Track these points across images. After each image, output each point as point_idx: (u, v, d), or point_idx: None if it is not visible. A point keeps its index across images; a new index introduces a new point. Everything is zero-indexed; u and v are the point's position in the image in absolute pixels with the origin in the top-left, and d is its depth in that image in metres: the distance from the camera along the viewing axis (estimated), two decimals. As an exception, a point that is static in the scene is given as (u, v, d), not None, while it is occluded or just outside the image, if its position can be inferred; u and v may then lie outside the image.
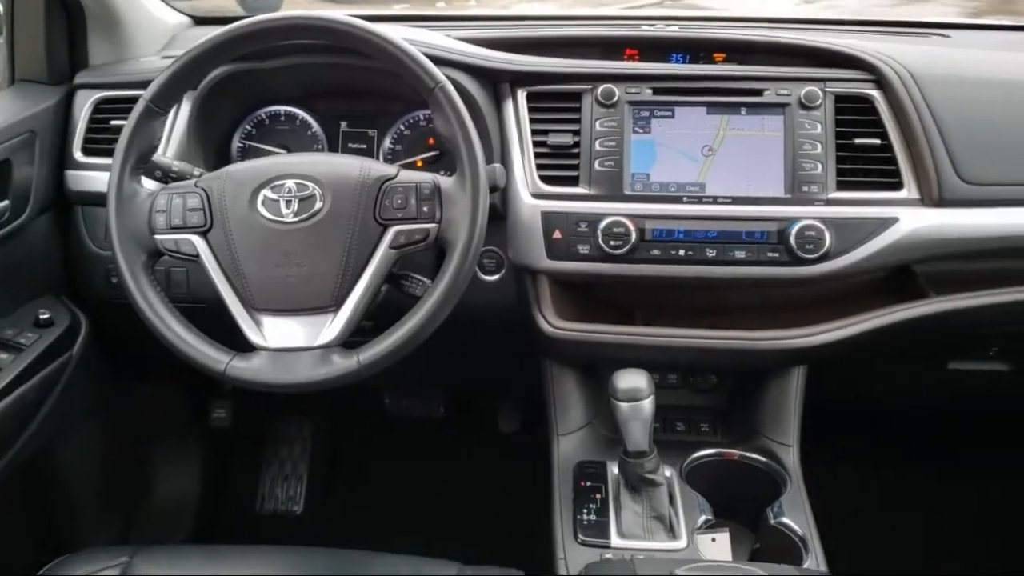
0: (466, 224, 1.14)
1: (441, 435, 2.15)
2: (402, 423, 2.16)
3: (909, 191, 1.34)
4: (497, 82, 1.42)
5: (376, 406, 2.11)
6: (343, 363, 1.13)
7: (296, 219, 1.16)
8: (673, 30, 1.59)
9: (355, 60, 1.28)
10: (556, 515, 1.28)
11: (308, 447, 2.17)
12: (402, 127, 1.50)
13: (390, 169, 1.19)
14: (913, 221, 1.32)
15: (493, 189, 1.20)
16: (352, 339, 1.17)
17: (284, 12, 1.21)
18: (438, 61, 1.25)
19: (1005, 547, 1.96)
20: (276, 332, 1.16)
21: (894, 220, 1.32)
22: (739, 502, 1.36)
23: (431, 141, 1.49)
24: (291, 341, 1.15)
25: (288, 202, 1.17)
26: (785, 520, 1.28)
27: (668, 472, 1.32)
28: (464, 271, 1.14)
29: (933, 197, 1.33)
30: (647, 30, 1.60)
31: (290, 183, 1.18)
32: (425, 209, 1.16)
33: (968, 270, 1.39)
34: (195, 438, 2.05)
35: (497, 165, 1.23)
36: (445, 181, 1.18)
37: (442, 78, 1.17)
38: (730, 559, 1.24)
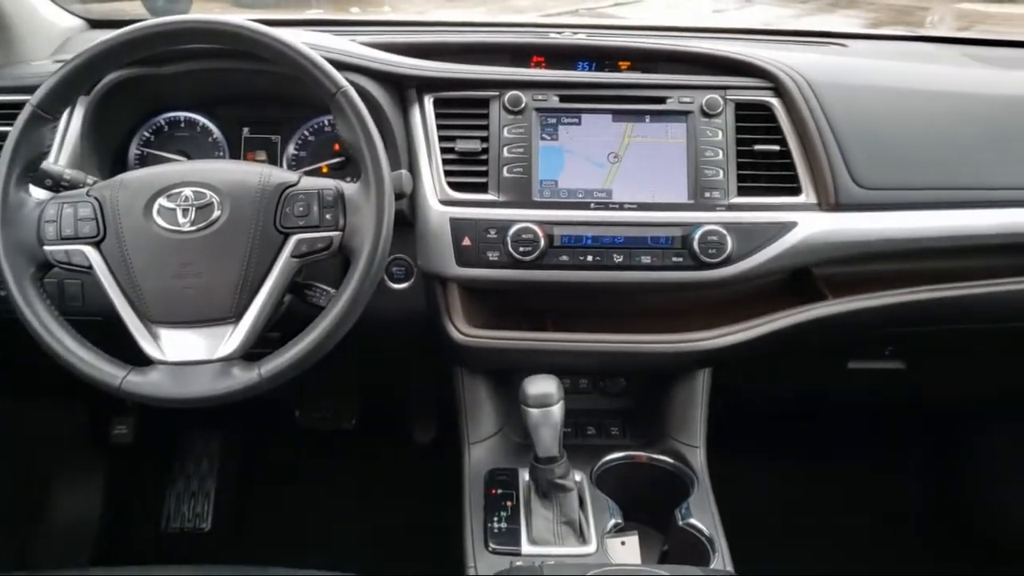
0: (371, 232, 1.13)
1: (354, 447, 2.12)
2: (314, 435, 2.12)
3: (807, 196, 1.38)
4: (403, 87, 1.41)
5: (286, 418, 2.07)
6: (244, 376, 1.11)
7: (193, 228, 1.13)
8: (580, 38, 1.60)
9: (256, 65, 1.26)
10: (466, 524, 1.28)
11: (216, 462, 2.11)
12: (306, 133, 1.48)
13: (291, 176, 1.17)
14: (811, 225, 1.36)
15: (399, 196, 1.19)
16: (257, 350, 1.14)
17: (179, 16, 1.17)
18: (341, 66, 1.24)
19: (910, 542, 2.03)
20: (174, 345, 1.12)
21: (793, 224, 1.36)
22: (649, 504, 1.38)
23: (337, 147, 1.47)
24: (190, 354, 1.12)
25: (185, 211, 1.14)
26: (693, 521, 1.30)
27: (578, 476, 1.33)
28: (369, 280, 1.13)
29: (830, 202, 1.37)
30: (554, 38, 1.60)
31: (187, 191, 1.15)
32: (328, 216, 1.15)
33: (864, 272, 1.44)
34: (96, 456, 1.97)
35: (403, 171, 1.22)
36: (349, 188, 1.17)
37: (344, 83, 1.16)
38: (639, 562, 1.25)
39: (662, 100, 1.39)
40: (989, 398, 1.86)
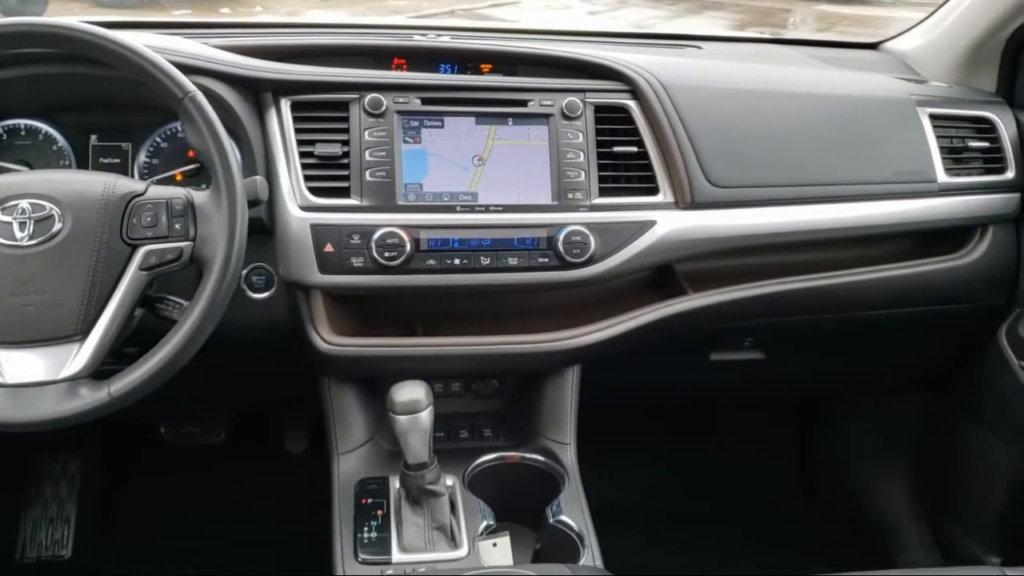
0: (223, 241, 1.10)
1: (224, 461, 2.05)
2: (182, 452, 2.04)
3: (665, 195, 1.42)
4: (258, 91, 1.37)
5: (151, 435, 1.98)
6: (92, 396, 1.06)
7: (32, 243, 1.08)
8: (444, 40, 1.60)
9: (100, 70, 1.20)
10: (336, 535, 1.26)
11: (76, 485, 2.00)
12: (159, 139, 1.42)
13: (138, 185, 1.13)
14: (669, 223, 1.40)
15: (254, 203, 1.17)
16: (112, 367, 1.10)
17: (9, 18, 1.11)
18: (189, 69, 1.21)
19: (780, 529, 2.11)
20: (14, 366, 1.06)
21: (652, 223, 1.39)
22: (522, 504, 1.39)
23: (191, 154, 1.42)
24: (32, 375, 1.06)
25: (23, 224, 1.08)
26: (563, 518, 1.32)
27: (450, 481, 1.32)
28: (223, 290, 1.09)
29: (686, 200, 1.41)
30: (417, 40, 1.59)
31: (24, 203, 1.09)
32: (177, 227, 1.11)
33: (722, 267, 1.50)
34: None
35: (258, 178, 1.19)
36: (199, 196, 1.13)
37: (192, 88, 1.12)
38: (511, 563, 1.26)
39: (524, 103, 1.41)
40: (844, 384, 1.95)
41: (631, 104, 1.44)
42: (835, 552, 2.06)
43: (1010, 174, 1.61)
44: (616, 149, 1.42)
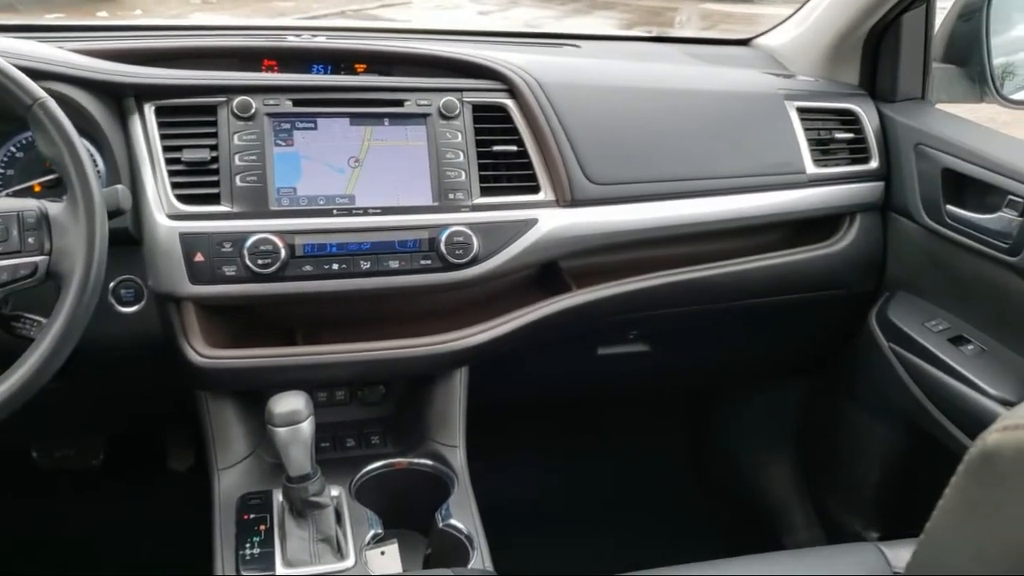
0: (81, 254, 1.04)
1: (104, 484, 1.96)
2: (57, 477, 1.94)
3: (545, 193, 1.43)
4: (120, 96, 1.31)
5: (23, 461, 1.88)
6: None
7: None
8: (320, 40, 1.57)
9: None
10: (216, 553, 1.22)
11: None
12: (13, 149, 1.34)
13: None
14: (550, 221, 1.41)
15: (116, 213, 1.12)
16: None
17: None
18: (41, 75, 1.16)
19: (672, 523, 2.14)
20: None
21: (534, 221, 1.40)
22: (413, 509, 1.37)
23: (49, 164, 1.35)
24: None
25: None
26: (453, 521, 1.31)
27: (336, 491, 1.30)
28: (83, 305, 1.04)
29: (566, 198, 1.42)
30: (290, 40, 1.55)
31: None
32: (31, 240, 1.05)
33: (605, 263, 1.52)
34: None
35: (119, 186, 1.14)
36: (54, 208, 1.07)
37: (41, 94, 1.07)
38: (400, 570, 1.24)
39: (400, 103, 1.39)
40: (727, 372, 2.00)
41: (509, 103, 1.44)
42: (729, 538, 2.11)
43: (874, 164, 1.67)
44: (496, 148, 1.41)
